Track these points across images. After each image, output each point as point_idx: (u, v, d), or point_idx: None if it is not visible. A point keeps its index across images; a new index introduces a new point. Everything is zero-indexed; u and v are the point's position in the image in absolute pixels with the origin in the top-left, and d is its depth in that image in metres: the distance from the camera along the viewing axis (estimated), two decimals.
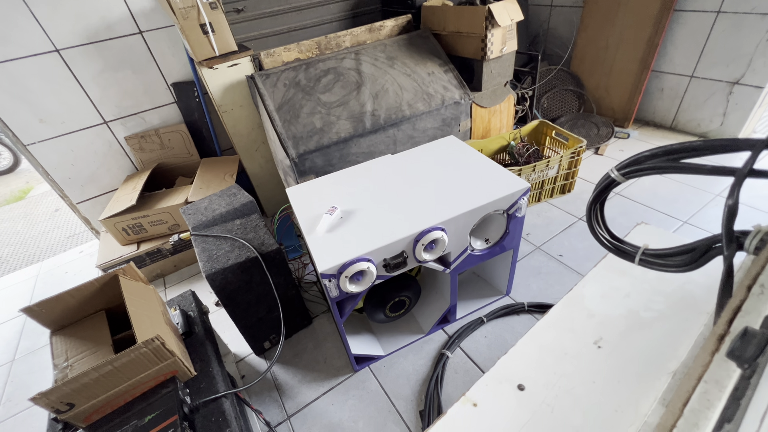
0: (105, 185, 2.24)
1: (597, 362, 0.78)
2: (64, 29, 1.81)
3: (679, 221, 1.90)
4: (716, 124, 2.44)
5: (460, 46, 2.09)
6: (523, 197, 1.27)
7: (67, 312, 1.01)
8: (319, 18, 2.49)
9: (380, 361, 1.50)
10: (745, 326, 0.28)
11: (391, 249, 1.13)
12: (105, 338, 1.00)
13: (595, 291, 0.93)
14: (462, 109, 2.07)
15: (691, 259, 0.59)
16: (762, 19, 2.04)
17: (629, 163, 0.65)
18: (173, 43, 2.08)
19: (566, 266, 1.76)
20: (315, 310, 1.77)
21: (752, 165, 0.49)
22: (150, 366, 0.90)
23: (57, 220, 3.16)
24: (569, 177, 2.16)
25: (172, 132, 2.23)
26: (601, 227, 0.74)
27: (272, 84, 1.86)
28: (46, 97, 1.90)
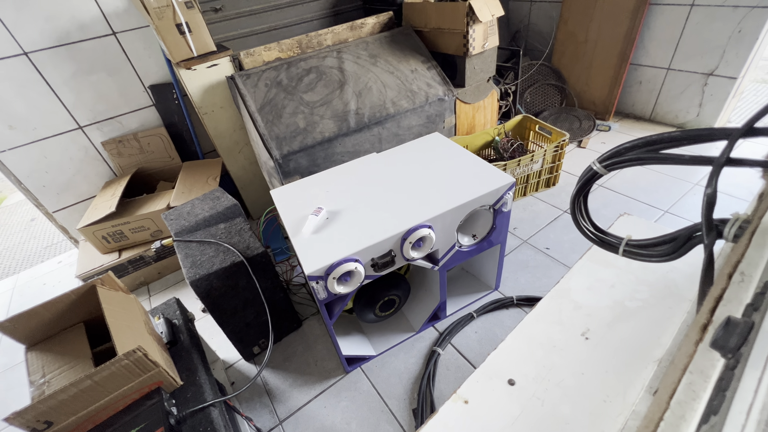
0: (82, 193, 2.16)
1: (585, 353, 0.79)
2: (32, 31, 1.74)
3: (661, 210, 1.94)
4: (693, 114, 2.50)
5: (443, 43, 2.09)
6: (509, 192, 1.28)
7: (43, 326, 0.97)
8: (299, 16, 2.45)
9: (372, 361, 1.49)
10: (728, 315, 0.28)
11: (378, 248, 1.12)
12: (84, 352, 0.96)
13: (581, 283, 0.94)
14: (446, 106, 2.07)
15: (673, 248, 0.60)
16: (734, 11, 2.10)
17: (611, 155, 0.65)
18: (149, 44, 2.02)
19: (553, 259, 1.78)
20: (304, 312, 1.75)
21: (729, 154, 0.50)
22: (132, 378, 0.87)
23: (33, 230, 3.05)
24: (553, 170, 2.19)
25: (152, 136, 2.17)
26: (585, 219, 0.74)
27: (253, 84, 1.82)
28: (15, 102, 1.82)
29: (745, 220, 0.49)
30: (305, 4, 2.45)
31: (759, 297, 0.30)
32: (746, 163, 0.53)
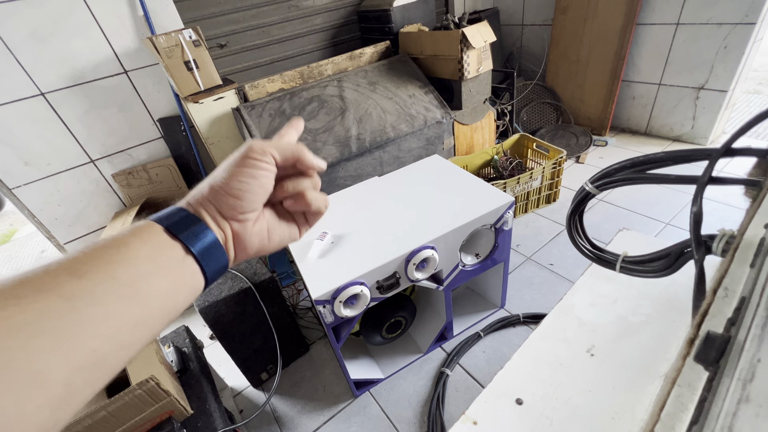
0: (93, 224, 2.22)
1: (591, 370, 0.79)
2: (49, 73, 1.84)
3: (662, 223, 1.96)
4: (687, 127, 2.55)
5: (438, 68, 2.17)
6: (509, 211, 1.30)
7: None
8: (300, 48, 2.56)
9: (380, 385, 1.49)
10: (708, 330, 0.30)
11: (383, 270, 1.15)
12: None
13: (584, 299, 0.95)
14: (444, 128, 2.13)
15: (666, 264, 0.62)
16: (718, 28, 2.17)
17: (601, 176, 0.68)
18: (158, 80, 2.12)
19: (557, 275, 1.79)
20: (311, 336, 1.75)
21: (710, 173, 0.53)
22: (145, 408, 0.88)
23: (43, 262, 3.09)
24: (553, 187, 2.22)
25: (160, 167, 2.24)
26: (581, 238, 0.76)
27: (257, 115, 1.90)
28: (31, 140, 1.90)
29: (731, 235, 0.51)
30: (306, 37, 2.57)
31: (737, 312, 0.32)
32: (728, 182, 0.56)
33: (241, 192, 0.34)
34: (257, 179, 0.34)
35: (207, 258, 0.32)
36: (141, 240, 0.29)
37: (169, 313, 0.29)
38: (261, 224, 0.38)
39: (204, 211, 0.34)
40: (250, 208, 0.35)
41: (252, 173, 0.34)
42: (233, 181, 0.34)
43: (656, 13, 2.37)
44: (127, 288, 0.26)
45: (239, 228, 0.35)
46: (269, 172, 0.35)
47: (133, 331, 0.26)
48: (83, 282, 0.24)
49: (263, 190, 0.35)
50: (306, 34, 2.55)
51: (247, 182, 0.34)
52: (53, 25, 1.78)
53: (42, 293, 0.22)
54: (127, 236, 0.29)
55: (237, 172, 0.34)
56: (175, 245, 0.30)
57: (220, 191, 0.34)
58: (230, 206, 0.34)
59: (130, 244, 0.28)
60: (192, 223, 0.32)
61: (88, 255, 0.26)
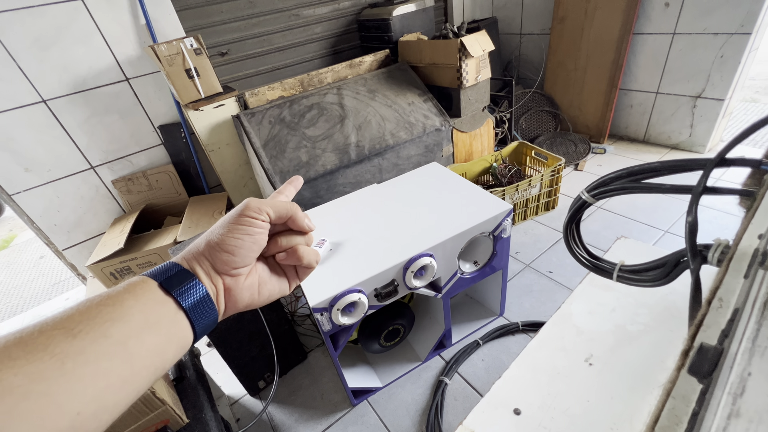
0: (92, 230, 2.22)
1: (589, 380, 0.79)
2: (51, 81, 1.86)
3: (661, 231, 1.96)
4: (685, 135, 2.56)
5: (437, 77, 2.19)
6: (507, 218, 1.31)
7: None
8: (300, 57, 2.59)
9: (378, 393, 1.47)
10: (701, 342, 0.30)
11: (381, 278, 1.14)
12: None
13: (582, 308, 0.95)
14: (443, 135, 2.15)
15: (663, 273, 0.62)
16: (714, 38, 2.20)
17: (597, 185, 0.69)
18: (159, 87, 2.13)
19: (556, 282, 1.79)
20: (309, 344, 1.74)
21: (705, 183, 0.53)
22: (140, 417, 0.88)
23: (42, 268, 3.09)
24: (552, 194, 2.23)
25: (160, 173, 2.25)
26: (578, 246, 0.76)
27: (258, 122, 1.91)
28: (32, 146, 1.91)
29: (727, 245, 0.51)
30: (306, 45, 2.59)
31: (730, 323, 0.32)
32: (723, 192, 0.56)
33: (235, 248, 0.35)
34: (251, 236, 0.36)
35: (197, 313, 0.33)
36: (135, 296, 0.29)
37: (156, 370, 0.30)
38: (252, 278, 0.39)
39: (198, 266, 0.35)
40: (242, 263, 0.36)
41: (247, 230, 0.36)
42: (228, 237, 0.35)
43: (653, 23, 2.40)
44: (118, 346, 0.26)
45: (231, 282, 0.36)
46: (263, 230, 0.37)
47: (119, 390, 0.26)
48: (76, 341, 0.24)
49: (256, 246, 0.37)
50: (306, 42, 2.57)
51: (241, 239, 0.35)
52: (56, 33, 1.80)
53: (35, 353, 0.23)
54: (121, 293, 0.29)
55: (233, 228, 0.35)
56: (167, 301, 0.31)
57: (215, 247, 0.35)
58: (224, 261, 0.35)
59: (125, 302, 0.29)
60: (185, 279, 0.33)
61: (83, 313, 0.26)
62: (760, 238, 0.44)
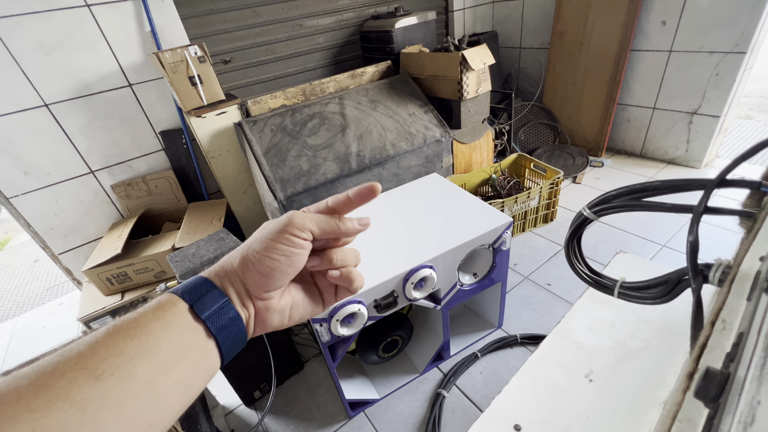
0: (89, 234, 2.20)
1: (589, 396, 0.79)
2: (55, 85, 1.86)
3: (658, 245, 1.97)
4: (681, 150, 2.59)
5: (438, 88, 2.21)
6: (507, 231, 1.31)
7: None
8: (303, 66, 2.61)
9: (375, 405, 1.46)
10: (707, 366, 0.30)
11: (381, 289, 1.14)
12: None
13: (582, 323, 0.95)
14: (443, 146, 2.16)
15: (664, 291, 0.62)
16: (710, 56, 2.24)
17: (599, 202, 0.69)
18: (162, 93, 2.14)
19: (555, 295, 1.79)
20: (306, 354, 1.73)
21: (706, 203, 0.54)
22: None
23: (36, 272, 3.06)
24: (550, 206, 2.24)
25: (160, 178, 2.25)
26: (579, 262, 0.77)
27: (259, 130, 1.92)
28: (32, 150, 1.91)
29: (728, 265, 0.52)
30: (309, 55, 2.62)
31: (735, 347, 0.32)
32: (724, 212, 0.57)
33: (272, 270, 0.32)
34: (290, 257, 0.33)
35: (228, 339, 0.30)
36: (163, 324, 0.27)
37: (183, 405, 0.28)
38: (285, 301, 0.36)
39: (230, 286, 0.32)
40: (276, 286, 0.33)
41: (286, 250, 0.32)
42: (265, 257, 0.32)
43: (650, 40, 2.45)
44: (145, 386, 0.25)
45: (262, 306, 0.34)
46: (304, 250, 0.34)
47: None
48: (100, 384, 0.23)
49: (293, 269, 0.34)
50: (309, 52, 2.60)
51: (278, 260, 0.32)
52: (61, 39, 1.81)
53: (56, 402, 0.21)
54: (149, 318, 0.27)
55: (271, 246, 0.32)
56: (197, 328, 0.29)
57: (251, 266, 0.32)
58: (257, 284, 0.32)
59: (152, 332, 0.27)
60: (216, 300, 0.30)
61: (108, 347, 0.24)
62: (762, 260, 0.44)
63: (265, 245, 0.32)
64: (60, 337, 2.15)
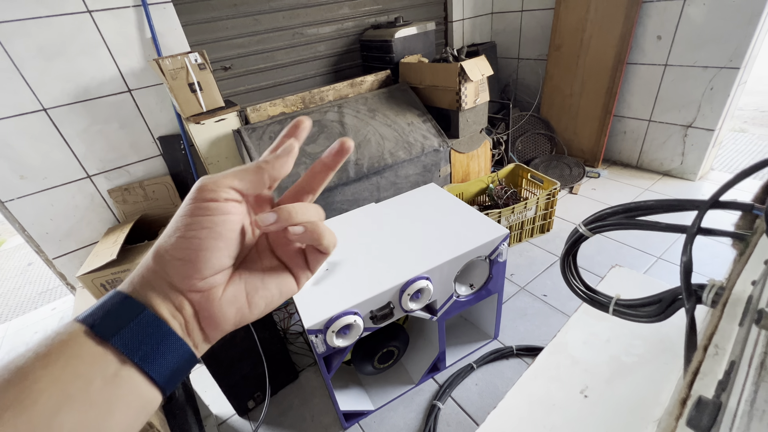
0: (84, 239, 2.19)
1: (585, 412, 0.78)
2: (54, 89, 1.86)
3: (653, 257, 1.98)
4: (677, 163, 2.62)
5: (437, 98, 2.23)
6: (504, 243, 1.32)
7: None
8: (303, 74, 2.63)
9: (370, 416, 1.45)
10: (699, 395, 0.31)
11: (377, 300, 1.14)
12: None
13: (577, 337, 0.95)
14: (441, 156, 2.17)
15: (658, 309, 0.62)
16: (704, 71, 2.28)
17: (594, 220, 0.70)
18: (161, 99, 2.15)
19: (551, 306, 1.79)
20: (301, 363, 1.72)
21: (699, 224, 0.54)
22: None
23: (29, 275, 3.03)
24: (547, 217, 2.25)
25: (157, 184, 2.24)
26: (575, 278, 0.77)
27: (258, 137, 1.92)
28: (29, 153, 1.90)
29: (720, 286, 0.52)
30: (309, 63, 2.64)
31: (726, 376, 0.32)
32: (717, 233, 0.58)
33: (193, 251, 0.25)
34: (213, 228, 0.26)
35: (155, 361, 0.24)
36: (46, 361, 0.21)
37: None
38: (236, 287, 0.29)
39: (149, 289, 0.25)
40: (210, 270, 0.26)
41: (204, 222, 0.25)
42: (180, 239, 0.25)
43: (646, 54, 2.48)
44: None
45: (202, 300, 0.27)
46: (230, 214, 0.27)
47: None
48: None
49: (224, 242, 0.27)
50: (309, 60, 2.62)
51: (197, 236, 0.25)
52: (61, 44, 1.81)
53: None
54: (31, 358, 0.22)
55: (185, 224, 0.25)
56: (102, 354, 0.23)
57: (165, 255, 0.25)
58: (181, 274, 0.25)
59: (29, 373, 0.21)
60: (127, 312, 0.24)
61: None
62: (754, 284, 0.45)
63: (177, 225, 0.26)
64: None
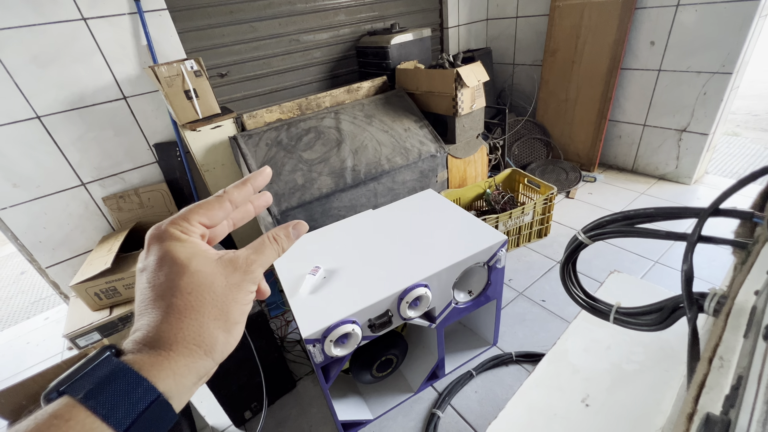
0: (78, 247, 2.16)
1: (586, 422, 0.78)
2: (48, 97, 1.85)
3: (651, 261, 1.98)
4: (672, 167, 2.63)
5: (433, 104, 2.24)
6: (502, 249, 1.31)
7: (30, 399, 0.93)
8: (299, 80, 2.63)
9: (368, 426, 1.43)
10: (707, 412, 0.30)
11: (375, 309, 1.13)
12: None
13: (578, 344, 0.94)
14: (438, 161, 2.17)
15: (659, 318, 0.62)
16: (697, 76, 2.30)
17: (593, 227, 0.69)
18: (157, 106, 2.14)
19: (549, 311, 1.78)
20: (299, 371, 1.69)
21: (699, 232, 0.54)
22: None
23: (21, 285, 2.99)
24: (544, 222, 2.25)
25: (152, 191, 2.22)
26: (575, 287, 0.76)
27: (254, 144, 1.91)
28: (22, 162, 1.88)
29: (722, 295, 0.52)
30: (305, 69, 2.64)
31: (734, 391, 0.32)
32: (717, 241, 0.57)
33: (243, 317, 0.32)
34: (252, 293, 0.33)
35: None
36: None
37: None
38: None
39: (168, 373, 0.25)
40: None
41: (250, 297, 0.33)
42: (237, 304, 0.31)
43: (639, 59, 2.51)
44: None
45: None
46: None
47: None
48: None
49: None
50: (305, 66, 2.62)
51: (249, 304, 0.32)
52: (56, 52, 1.80)
53: None
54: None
55: (242, 299, 0.32)
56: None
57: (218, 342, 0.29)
58: (227, 349, 0.30)
59: None
60: (126, 388, 0.23)
61: None
62: (757, 294, 0.44)
63: (238, 310, 0.30)
64: (44, 354, 2.09)
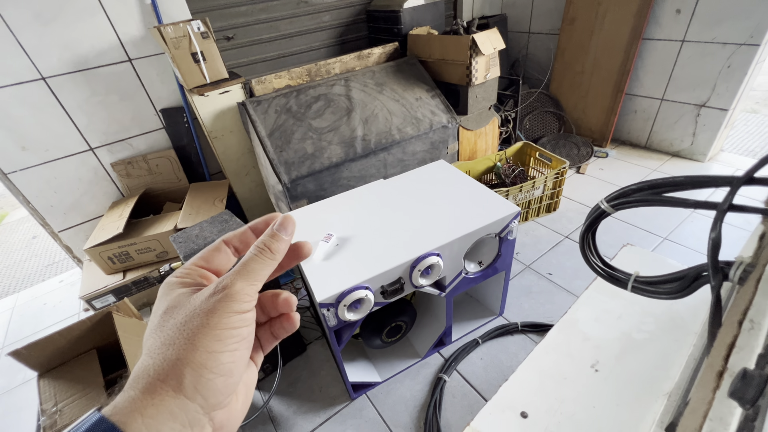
0: (89, 212, 2.18)
1: (595, 386, 0.80)
2: (52, 57, 1.80)
3: (660, 237, 1.98)
4: (687, 143, 2.58)
5: (446, 73, 2.17)
6: (514, 221, 1.31)
7: (57, 353, 0.97)
8: (307, 45, 2.54)
9: (377, 388, 1.49)
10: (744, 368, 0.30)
11: (388, 276, 1.14)
12: (96, 379, 0.96)
13: (589, 314, 0.96)
14: (449, 133, 2.13)
15: (680, 286, 0.62)
16: (723, 47, 2.20)
17: (618, 196, 0.68)
18: (163, 69, 2.08)
19: (556, 284, 1.80)
20: (309, 336, 1.75)
21: (731, 201, 0.53)
22: None
23: (34, 248, 3.04)
24: (554, 196, 2.24)
25: (160, 157, 2.21)
26: (594, 255, 0.77)
27: (263, 110, 1.88)
28: (30, 124, 1.86)
29: (750, 264, 0.52)
30: (313, 33, 2.55)
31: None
32: (748, 210, 0.57)
33: (232, 364, 0.24)
34: (247, 338, 0.25)
35: None
36: None
37: None
38: (246, 393, 0.28)
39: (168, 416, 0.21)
40: (237, 383, 0.25)
41: (242, 333, 0.24)
42: (223, 353, 0.23)
43: (663, 29, 2.40)
44: None
45: (224, 417, 0.24)
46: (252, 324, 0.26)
47: None
48: None
49: (248, 350, 0.26)
50: (314, 30, 2.53)
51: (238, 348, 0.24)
52: (58, 9, 1.74)
53: None
54: None
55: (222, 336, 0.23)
56: None
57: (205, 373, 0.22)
58: (219, 392, 0.23)
59: None
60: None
61: None
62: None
63: (206, 330, 0.23)
64: (62, 314, 2.16)
